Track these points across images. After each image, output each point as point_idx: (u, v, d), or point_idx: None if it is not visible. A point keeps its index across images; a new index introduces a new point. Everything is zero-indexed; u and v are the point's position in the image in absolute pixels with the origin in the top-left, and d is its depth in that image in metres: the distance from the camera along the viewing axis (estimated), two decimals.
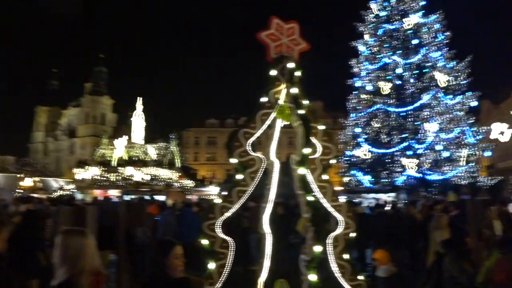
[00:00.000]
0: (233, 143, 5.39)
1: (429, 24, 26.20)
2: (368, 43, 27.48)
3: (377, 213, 10.84)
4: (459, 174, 23.52)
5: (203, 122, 67.68)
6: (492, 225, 8.92)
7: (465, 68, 25.21)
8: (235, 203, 5.41)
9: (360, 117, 26.53)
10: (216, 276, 5.21)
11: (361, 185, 25.58)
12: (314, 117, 5.57)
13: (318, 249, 4.93)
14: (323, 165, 5.40)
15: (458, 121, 24.45)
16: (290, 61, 5.60)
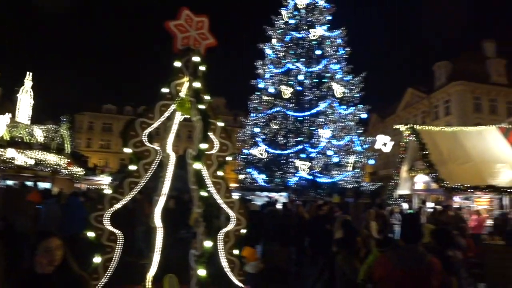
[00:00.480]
0: (128, 132, 5.18)
1: (332, 38, 27.84)
2: (275, 47, 28.29)
3: (268, 211, 11.18)
4: (346, 179, 25.24)
5: (100, 107, 63.16)
6: (369, 225, 9.79)
7: (359, 83, 27.25)
8: (126, 194, 5.21)
9: (260, 118, 27.18)
10: (101, 271, 4.97)
11: (256, 183, 26.18)
12: (214, 113, 5.56)
13: (208, 244, 4.94)
14: (219, 162, 5.42)
15: (348, 130, 26.26)
16: (196, 54, 5.54)
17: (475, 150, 15.19)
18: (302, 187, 23.87)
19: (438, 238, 4.63)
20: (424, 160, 14.68)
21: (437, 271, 3.34)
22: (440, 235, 4.70)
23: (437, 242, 4.57)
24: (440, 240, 4.57)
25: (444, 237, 4.64)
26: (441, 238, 4.61)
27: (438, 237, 4.64)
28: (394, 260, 3.34)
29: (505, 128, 16.68)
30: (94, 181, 29.11)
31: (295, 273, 10.53)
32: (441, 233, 4.77)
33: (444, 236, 4.68)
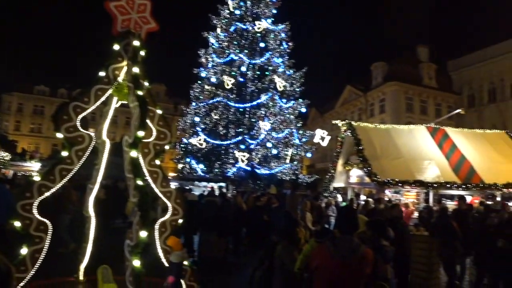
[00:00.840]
0: (61, 116, 4.91)
1: (276, 31, 28.06)
2: (219, 37, 28.01)
3: (206, 201, 11.13)
4: (284, 171, 25.66)
5: (31, 88, 58.94)
6: (305, 216, 10.07)
7: (300, 78, 27.77)
8: (57, 182, 4.94)
9: (201, 107, 26.90)
10: (29, 263, 4.69)
11: (195, 173, 25.97)
12: (153, 100, 5.39)
13: (143, 234, 4.80)
14: (156, 150, 5.27)
15: (288, 123, 26.70)
16: (136, 38, 5.34)
17: (406, 147, 16.05)
18: (241, 178, 23.97)
19: (373, 229, 4.87)
20: (359, 155, 15.28)
21: (370, 260, 3.52)
22: (374, 226, 4.95)
23: (372, 232, 4.82)
24: (374, 230, 4.83)
25: (378, 228, 4.90)
26: (376, 229, 4.87)
27: (373, 228, 4.88)
28: (331, 250, 3.46)
29: (432, 128, 17.78)
30: (22, 167, 27.35)
31: (233, 262, 10.63)
32: (375, 224, 5.03)
33: (379, 227, 4.93)
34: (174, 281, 4.87)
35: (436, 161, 15.59)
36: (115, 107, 5.85)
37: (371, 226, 4.98)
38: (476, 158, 16.12)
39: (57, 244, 9.34)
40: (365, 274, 3.48)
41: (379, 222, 5.21)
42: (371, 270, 3.56)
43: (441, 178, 14.73)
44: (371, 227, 4.94)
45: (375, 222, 5.19)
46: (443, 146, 16.53)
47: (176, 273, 4.88)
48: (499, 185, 14.92)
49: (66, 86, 58.81)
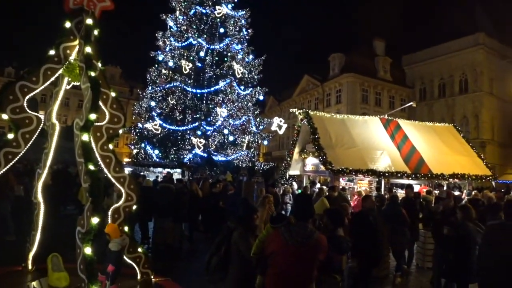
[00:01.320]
0: (6, 96, 4.63)
1: (236, 18, 27.73)
2: (178, 20, 27.37)
3: (161, 187, 10.91)
4: (241, 158, 25.68)
5: None
6: None
7: (259, 65, 27.71)
8: (2, 166, 4.68)
9: (158, 91, 26.33)
10: None
11: (150, 159, 25.50)
12: (106, 82, 5.17)
13: (95, 221, 4.64)
14: (109, 134, 5.08)
15: (246, 110, 26.62)
16: (89, 17, 5.09)
17: (360, 137, 16.43)
18: (197, 164, 23.79)
19: (330, 218, 4.90)
20: (314, 144, 15.49)
21: (324, 247, 3.65)
22: (332, 215, 4.97)
23: (330, 221, 4.86)
24: (333, 220, 4.86)
25: (336, 217, 4.93)
26: (334, 218, 4.90)
27: (331, 217, 4.91)
28: (285, 236, 3.53)
29: (385, 119, 18.31)
30: None
31: (188, 249, 10.57)
32: (334, 213, 5.05)
33: (336, 216, 4.95)
34: (113, 269, 4.75)
35: (388, 151, 16.08)
36: (67, 88, 5.59)
37: (329, 215, 5.01)
38: (425, 150, 16.78)
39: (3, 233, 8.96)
40: (318, 259, 3.60)
41: (337, 212, 5.24)
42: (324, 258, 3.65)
43: (393, 168, 15.22)
44: (329, 216, 4.97)
45: (334, 211, 5.22)
46: (395, 137, 17.07)
47: (114, 261, 4.75)
48: (446, 175, 15.66)
49: (13, 65, 55.60)
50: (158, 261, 7.69)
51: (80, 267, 4.63)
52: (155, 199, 9.73)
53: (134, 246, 5.63)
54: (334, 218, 4.88)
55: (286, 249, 3.51)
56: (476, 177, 16.57)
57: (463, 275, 5.65)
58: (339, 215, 5.06)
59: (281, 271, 3.54)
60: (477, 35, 37.73)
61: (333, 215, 4.96)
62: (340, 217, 5.02)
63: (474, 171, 16.57)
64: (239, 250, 4.17)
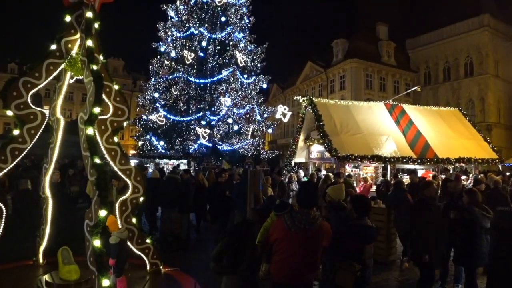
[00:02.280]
0: (10, 92, 4.64)
1: (237, 6, 27.52)
2: (179, 10, 27.21)
3: (166, 178, 10.96)
4: (246, 147, 25.69)
5: None
6: (267, 192, 10.14)
7: (262, 53, 27.57)
8: (9, 162, 4.71)
9: (161, 83, 26.30)
10: None
11: (155, 150, 25.58)
12: (109, 75, 5.17)
13: (103, 213, 4.68)
14: (114, 127, 5.09)
15: (249, 99, 26.58)
16: (90, 10, 5.06)
17: (365, 123, 16.39)
18: (202, 155, 23.84)
19: (356, 206, 4.52)
20: (319, 131, 15.47)
21: (327, 233, 3.71)
22: (358, 203, 4.56)
23: (354, 209, 4.49)
24: (357, 208, 4.47)
25: (362, 206, 4.51)
26: (359, 206, 4.49)
27: (356, 205, 4.52)
28: (288, 223, 3.60)
29: (390, 104, 18.23)
30: None
31: (195, 239, 10.66)
32: (359, 201, 4.62)
33: (362, 205, 4.54)
34: (114, 262, 4.78)
35: (394, 136, 16.04)
36: (71, 83, 5.60)
37: (353, 202, 4.60)
38: (431, 134, 16.73)
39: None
40: (321, 246, 3.66)
41: (362, 199, 4.79)
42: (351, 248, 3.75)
43: (398, 153, 15.19)
44: (354, 203, 4.57)
45: (359, 199, 4.79)
46: (400, 122, 17.01)
47: (113, 254, 4.78)
48: (452, 160, 15.62)
49: (16, 61, 55.65)
50: (167, 252, 7.77)
51: (90, 259, 4.69)
52: (161, 190, 9.78)
53: (143, 238, 5.67)
54: (359, 206, 4.48)
55: (289, 236, 3.58)
56: (482, 161, 16.50)
57: (470, 259, 5.65)
58: (365, 203, 4.62)
59: (285, 258, 3.59)
60: (482, 17, 37.20)
61: (358, 203, 4.55)
62: (366, 205, 4.58)
63: (480, 155, 16.50)
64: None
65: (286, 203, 4.22)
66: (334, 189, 5.75)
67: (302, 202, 3.85)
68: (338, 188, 5.82)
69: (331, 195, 5.59)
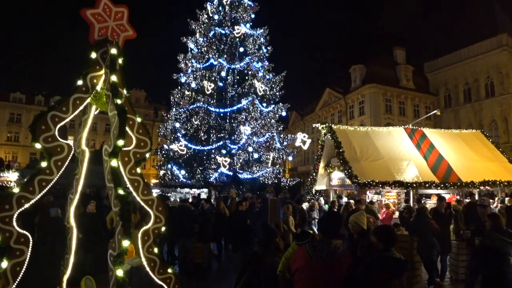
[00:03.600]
0: (39, 126, 4.84)
1: (255, 36, 28.14)
2: (198, 42, 27.96)
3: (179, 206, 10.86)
4: (266, 175, 25.66)
5: (7, 95, 57.31)
6: (288, 220, 10.12)
7: (280, 82, 27.90)
8: (37, 193, 4.86)
9: (182, 113, 26.76)
10: (10, 276, 4.59)
11: (177, 179, 25.79)
12: (132, 108, 5.35)
13: (126, 243, 4.76)
14: (137, 158, 5.22)
15: (269, 127, 26.73)
16: (114, 46, 5.31)
17: (385, 148, 16.27)
18: (223, 183, 23.90)
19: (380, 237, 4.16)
20: (339, 158, 15.42)
21: (348, 263, 3.66)
22: (382, 234, 4.19)
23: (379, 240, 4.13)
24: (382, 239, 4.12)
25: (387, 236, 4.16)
26: (384, 237, 4.14)
27: (380, 236, 4.17)
28: (310, 252, 3.58)
29: (410, 129, 18.10)
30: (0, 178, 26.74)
31: (216, 268, 10.63)
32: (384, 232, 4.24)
33: (387, 235, 4.18)
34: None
35: (415, 161, 15.85)
36: (96, 114, 5.80)
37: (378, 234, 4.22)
38: (453, 157, 16.47)
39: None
40: (342, 275, 3.59)
41: (387, 230, 4.41)
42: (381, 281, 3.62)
43: (420, 178, 14.97)
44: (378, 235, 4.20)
45: (383, 230, 4.41)
46: (421, 146, 16.83)
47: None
48: (476, 183, 15.25)
49: (43, 93, 57.70)
50: (188, 282, 7.76)
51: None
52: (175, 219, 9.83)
53: (164, 267, 5.70)
54: (385, 237, 4.13)
55: (311, 265, 3.54)
56: (508, 183, 16.05)
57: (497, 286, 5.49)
58: (390, 233, 4.27)
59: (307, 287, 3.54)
60: (500, 37, 36.97)
61: (383, 234, 4.19)
62: (392, 235, 4.24)
63: (506, 177, 16.06)
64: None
65: (307, 232, 4.20)
66: (356, 217, 5.70)
67: (324, 232, 3.84)
68: (358, 215, 5.77)
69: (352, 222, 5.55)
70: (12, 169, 27.30)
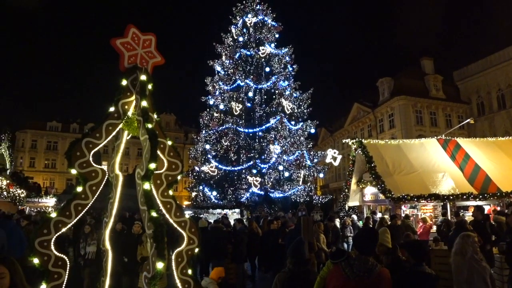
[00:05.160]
0: (74, 153, 5.01)
1: (280, 55, 28.44)
2: (225, 64, 28.46)
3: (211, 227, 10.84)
4: (298, 193, 25.51)
5: (44, 124, 60.21)
6: (319, 238, 9.97)
7: (307, 99, 27.96)
8: (73, 217, 5.01)
9: (211, 134, 27.11)
10: None
11: (209, 200, 25.96)
12: (163, 132, 5.47)
13: (160, 265, 4.81)
14: (169, 181, 5.32)
15: (298, 145, 26.73)
16: (143, 73, 5.48)
17: (418, 161, 15.90)
18: (254, 203, 23.89)
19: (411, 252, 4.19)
20: (371, 172, 15.17)
21: (387, 281, 3.50)
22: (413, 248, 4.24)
23: (411, 256, 4.19)
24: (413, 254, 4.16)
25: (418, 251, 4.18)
26: (415, 252, 4.17)
27: (411, 251, 4.20)
28: (346, 271, 3.48)
29: (443, 140, 17.64)
30: (38, 203, 27.62)
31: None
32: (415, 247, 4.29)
33: (419, 250, 4.20)
34: None
35: (450, 173, 15.41)
36: (128, 138, 5.96)
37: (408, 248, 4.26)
38: (490, 167, 15.90)
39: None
40: None
41: (418, 245, 4.43)
42: None
43: (457, 190, 14.51)
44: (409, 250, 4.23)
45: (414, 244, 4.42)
46: (456, 157, 16.35)
47: None
48: None
49: (77, 121, 59.83)
50: None
51: None
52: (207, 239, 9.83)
53: None
54: (415, 252, 4.15)
55: (348, 284, 3.44)
56: None
57: None
58: (421, 248, 4.27)
59: None
60: None
61: (414, 249, 4.21)
62: (423, 250, 4.22)
63: None
64: None
65: (342, 250, 4.14)
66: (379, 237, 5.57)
67: (360, 249, 3.70)
68: (382, 234, 5.61)
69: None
70: (50, 194, 28.13)
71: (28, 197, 26.47)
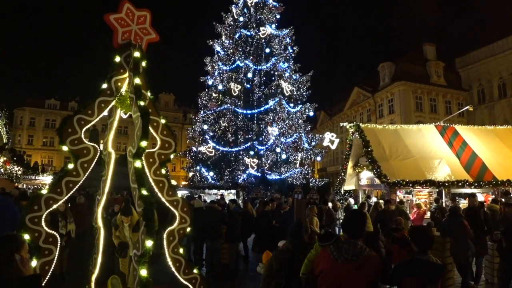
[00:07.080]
0: (65, 129, 4.96)
1: (281, 37, 28.10)
2: (224, 44, 28.14)
3: (205, 207, 10.86)
4: (295, 175, 25.57)
5: (42, 102, 59.93)
6: (312, 221, 10.01)
7: (307, 81, 27.74)
8: (64, 194, 4.98)
9: (209, 115, 26.99)
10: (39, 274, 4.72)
11: (205, 181, 26.01)
12: (156, 110, 5.41)
13: (149, 244, 4.81)
14: (161, 160, 5.29)
15: (297, 128, 26.63)
16: (137, 50, 5.38)
17: (415, 147, 15.90)
18: (251, 184, 23.96)
19: (415, 239, 3.91)
20: (368, 157, 15.18)
21: (376, 265, 3.46)
22: (417, 235, 3.92)
23: (414, 243, 3.90)
24: (419, 241, 3.85)
25: (422, 238, 3.86)
26: (419, 239, 3.86)
27: (415, 238, 3.91)
28: (334, 254, 3.43)
29: (441, 126, 17.62)
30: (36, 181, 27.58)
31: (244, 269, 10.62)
32: (419, 234, 3.95)
33: (423, 237, 3.87)
34: None
35: (447, 159, 15.42)
36: (125, 118, 5.91)
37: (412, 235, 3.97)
38: (487, 155, 15.92)
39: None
40: (370, 278, 3.41)
41: (422, 231, 4.04)
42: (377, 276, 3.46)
43: (453, 177, 14.56)
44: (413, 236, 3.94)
45: (418, 231, 4.05)
46: (453, 144, 16.35)
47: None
48: None
49: (76, 99, 59.47)
50: (216, 282, 7.79)
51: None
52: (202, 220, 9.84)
53: (189, 268, 5.74)
54: (420, 239, 3.85)
55: (335, 267, 3.39)
56: None
57: None
58: (425, 234, 3.94)
59: None
60: None
61: (418, 236, 3.90)
62: (427, 237, 3.90)
63: None
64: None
65: (331, 233, 4.09)
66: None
67: (349, 232, 3.62)
68: None
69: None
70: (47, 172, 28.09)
71: (25, 174, 26.40)
